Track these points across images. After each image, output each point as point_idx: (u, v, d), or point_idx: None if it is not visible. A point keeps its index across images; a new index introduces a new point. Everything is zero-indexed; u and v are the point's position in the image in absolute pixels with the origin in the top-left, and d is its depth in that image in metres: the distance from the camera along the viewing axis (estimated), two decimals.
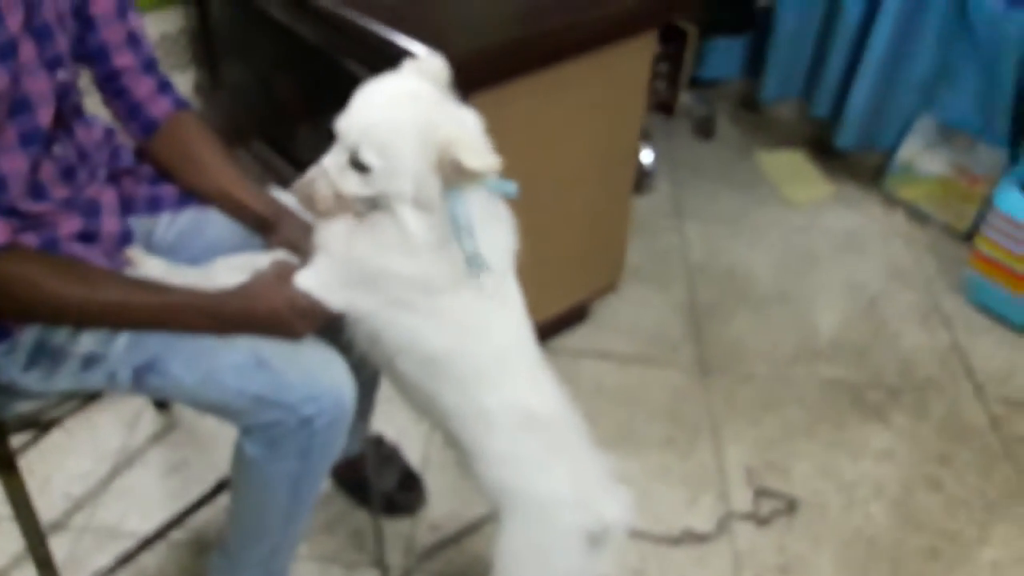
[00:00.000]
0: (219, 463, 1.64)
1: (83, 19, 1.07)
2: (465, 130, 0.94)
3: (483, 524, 1.56)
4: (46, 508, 1.54)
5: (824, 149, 2.66)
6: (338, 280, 1.00)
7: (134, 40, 1.13)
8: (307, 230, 1.10)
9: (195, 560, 1.48)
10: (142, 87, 1.14)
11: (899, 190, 2.47)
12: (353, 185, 0.94)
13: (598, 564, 1.19)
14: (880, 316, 2.11)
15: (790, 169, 2.62)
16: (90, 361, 1.02)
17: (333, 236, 1.00)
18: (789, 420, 1.82)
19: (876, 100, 2.42)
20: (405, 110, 0.92)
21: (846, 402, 1.87)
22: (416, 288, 0.97)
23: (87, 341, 1.01)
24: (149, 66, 1.15)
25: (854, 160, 2.63)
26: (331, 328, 1.06)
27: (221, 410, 1.04)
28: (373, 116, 0.92)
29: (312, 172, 0.95)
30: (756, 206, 2.48)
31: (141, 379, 1.02)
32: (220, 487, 1.46)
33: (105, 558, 1.46)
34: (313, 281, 1.01)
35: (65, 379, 1.04)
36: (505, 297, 1.04)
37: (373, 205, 0.96)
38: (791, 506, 1.64)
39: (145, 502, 1.58)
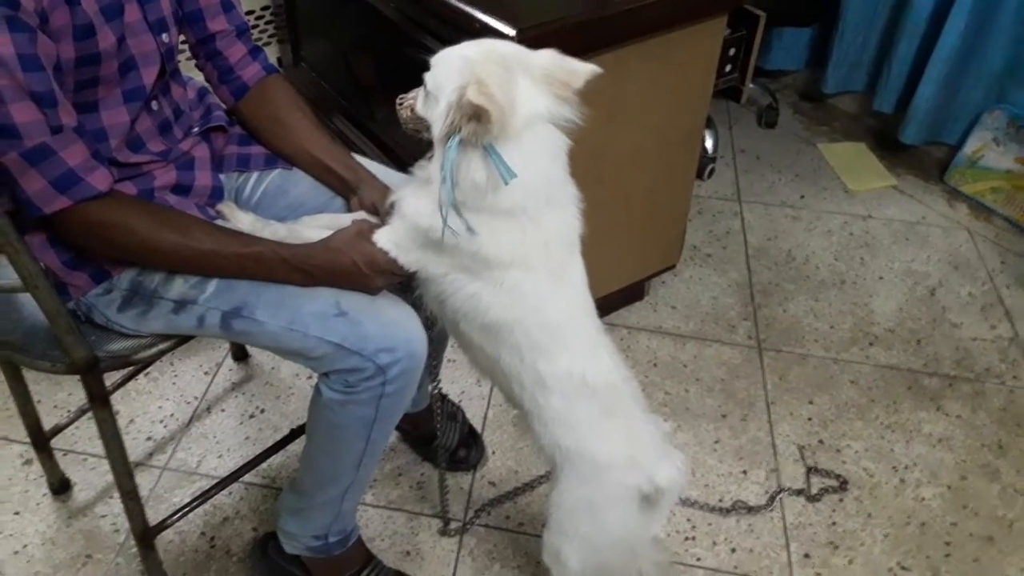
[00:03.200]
0: (292, 413, 1.75)
1: None
2: (504, 82, 0.95)
3: (538, 483, 1.63)
4: (130, 447, 1.66)
5: (887, 142, 2.65)
6: (410, 242, 1.06)
7: (228, 6, 1.20)
8: (385, 192, 1.17)
9: (266, 501, 1.58)
10: (234, 51, 1.22)
11: (964, 184, 2.44)
12: (419, 104, 1.02)
13: (650, 525, 1.24)
14: (939, 306, 2.10)
15: (852, 160, 2.62)
16: (181, 305, 1.10)
17: (408, 199, 1.07)
18: (843, 401, 1.84)
19: (945, 95, 2.40)
20: (467, 49, 0.99)
21: (901, 387, 1.88)
22: (479, 260, 1.03)
23: (179, 285, 1.09)
24: (241, 32, 1.23)
25: (918, 153, 2.61)
26: (404, 286, 1.13)
27: (302, 355, 1.10)
28: (446, 51, 1.00)
29: (411, 92, 1.05)
30: (817, 194, 2.49)
31: (228, 323, 1.09)
32: (293, 434, 1.54)
33: (183, 496, 1.57)
34: (389, 240, 1.07)
35: (157, 321, 1.12)
36: (566, 275, 1.09)
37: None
38: (843, 484, 1.66)
39: (222, 446, 1.68)
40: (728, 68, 2.30)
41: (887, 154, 2.64)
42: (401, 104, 1.05)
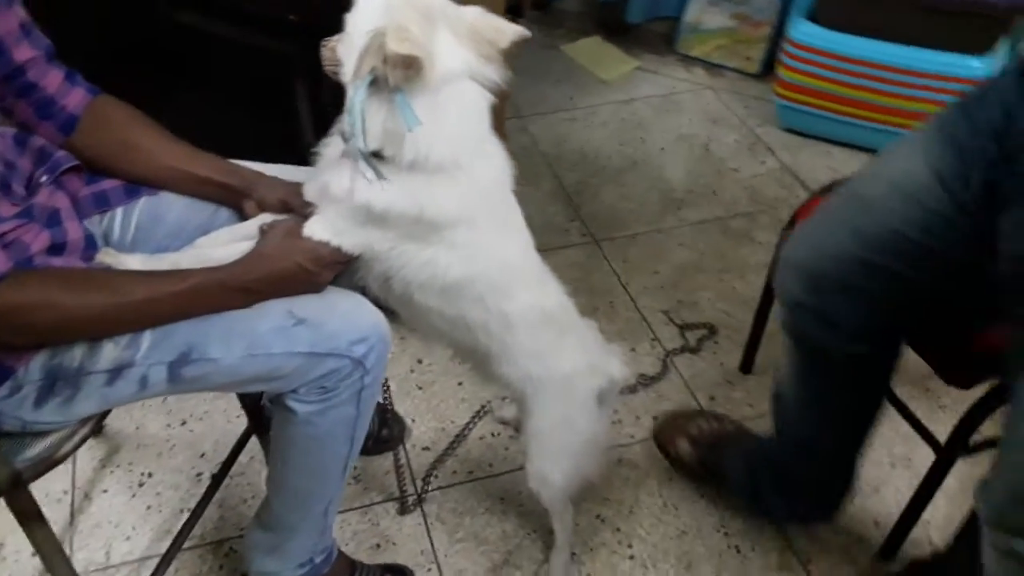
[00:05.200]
0: (184, 464, 1.60)
1: None
2: (424, 30, 0.92)
3: (467, 431, 1.66)
4: (18, 571, 1.43)
5: (617, 29, 2.88)
6: (350, 223, 1.01)
7: (28, 28, 1.02)
8: (289, 187, 1.09)
9: (204, 562, 1.45)
10: (50, 80, 1.04)
11: (692, 49, 2.75)
12: (340, 45, 0.96)
13: (605, 419, 1.34)
14: (716, 158, 2.39)
15: (595, 53, 2.82)
16: (116, 372, 0.96)
17: (333, 182, 1.01)
18: (679, 262, 2.06)
19: None
20: None
21: (717, 234, 2.13)
22: (424, 223, 1.00)
23: (109, 351, 0.95)
24: (51, 55, 1.05)
25: (646, 33, 2.88)
26: (338, 277, 1.07)
27: (266, 379, 1.02)
28: None
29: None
30: (580, 93, 2.66)
31: (177, 374, 0.97)
32: (216, 480, 1.42)
33: None
34: (326, 230, 1.01)
35: (88, 402, 0.97)
36: (509, 217, 1.11)
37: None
38: (712, 330, 1.88)
39: (124, 527, 1.49)
40: None
41: (620, 40, 2.88)
42: (325, 44, 0.98)
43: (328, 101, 1.52)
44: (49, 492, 1.54)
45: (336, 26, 0.98)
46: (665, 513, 1.55)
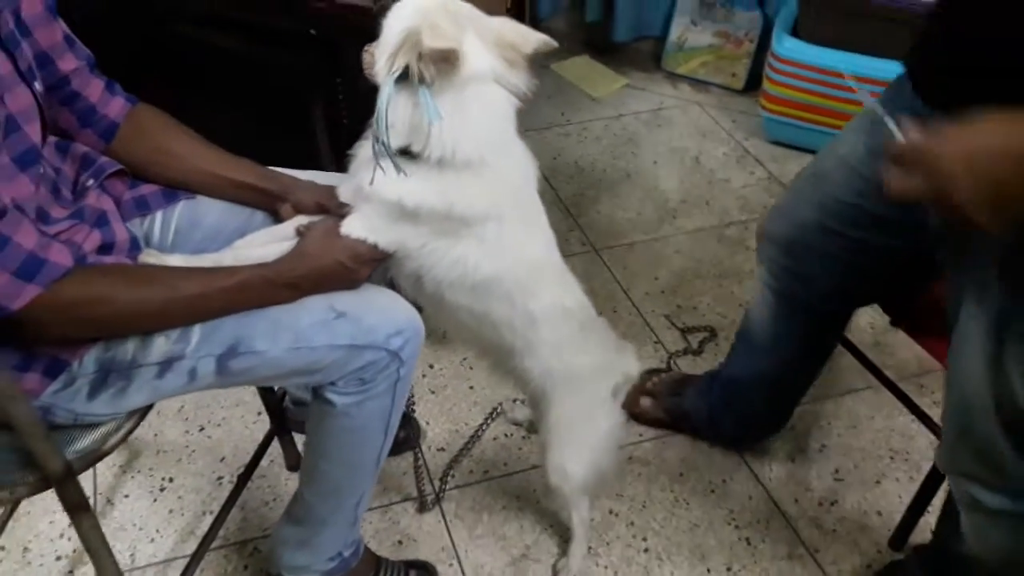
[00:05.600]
0: (205, 468, 1.63)
1: (19, 24, 1.00)
2: (455, 31, 0.98)
3: (480, 432, 1.70)
4: (42, 573, 1.44)
5: (604, 48, 2.97)
6: (385, 221, 1.05)
7: (70, 40, 1.06)
8: (323, 190, 1.14)
9: (229, 561, 1.47)
10: (92, 89, 1.08)
11: (678, 67, 2.85)
12: (375, 49, 1.01)
13: (619, 414, 1.39)
14: (707, 169, 2.47)
15: (584, 72, 2.91)
16: (167, 365, 0.99)
17: (367, 181, 1.06)
18: (677, 269, 2.13)
19: None
20: (422, 1, 0.99)
21: (713, 242, 2.21)
22: (454, 219, 1.05)
23: (160, 345, 0.99)
24: (92, 65, 1.09)
25: (633, 52, 2.97)
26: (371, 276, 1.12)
27: (307, 372, 1.06)
28: (403, 1, 1.00)
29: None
30: (571, 109, 2.74)
31: (225, 366, 1.01)
32: (242, 481, 1.45)
33: None
34: (362, 228, 1.06)
35: (140, 394, 1.01)
36: (534, 215, 1.16)
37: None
38: (712, 332, 1.94)
39: (148, 530, 1.52)
40: None
41: (607, 59, 2.97)
42: (367, 50, 1.03)
43: (348, 116, 1.58)
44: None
45: (356, 38, 1.03)
46: (677, 507, 1.60)
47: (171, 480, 1.60)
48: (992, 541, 1.09)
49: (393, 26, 0.99)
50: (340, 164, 1.18)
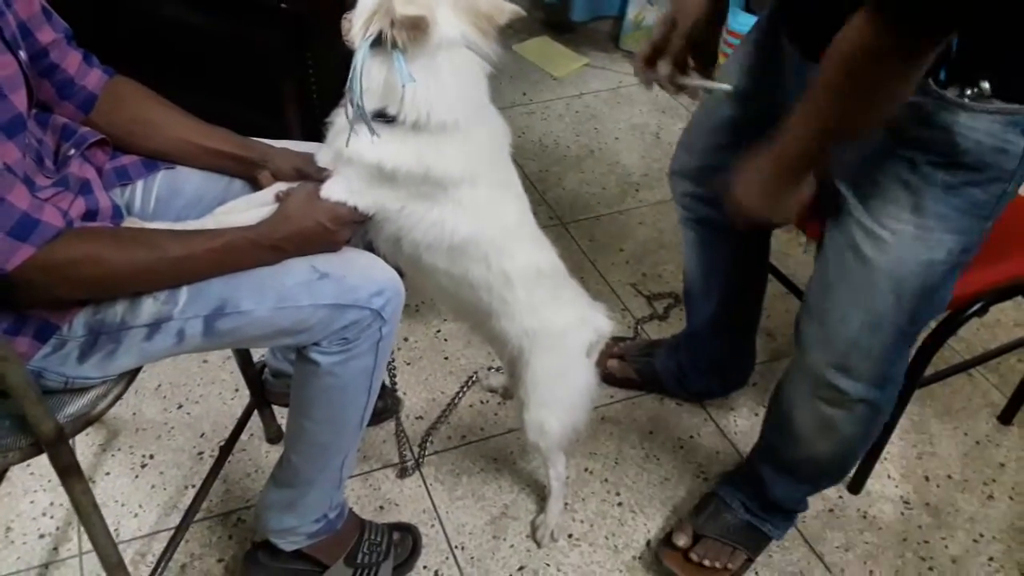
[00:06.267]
0: (186, 444, 1.64)
1: None
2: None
3: (457, 400, 1.74)
4: (26, 552, 1.46)
5: (563, 28, 3.02)
6: (364, 183, 1.09)
7: (48, 13, 1.08)
8: (301, 156, 1.17)
9: (213, 532, 1.50)
10: (70, 61, 1.09)
11: (636, 45, 2.87)
12: (352, 16, 1.04)
13: (592, 371, 1.44)
14: (667, 144, 2.54)
15: (544, 52, 2.95)
16: (155, 327, 1.02)
17: (345, 145, 1.09)
18: (641, 239, 2.19)
19: None
20: None
21: (674, 213, 2.26)
22: (431, 182, 1.09)
23: (149, 306, 1.01)
24: (69, 37, 1.11)
25: (591, 32, 3.02)
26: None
27: (292, 332, 1.09)
28: None
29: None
30: (533, 88, 2.78)
31: (212, 327, 1.03)
32: (224, 452, 1.47)
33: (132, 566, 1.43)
34: (342, 190, 1.09)
35: (128, 356, 1.03)
36: (508, 178, 1.21)
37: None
38: (676, 298, 2.01)
39: (131, 505, 1.53)
40: None
41: (566, 38, 3.01)
42: (345, 18, 1.06)
43: (318, 90, 1.60)
44: (52, 478, 1.56)
45: (325, 13, 1.06)
46: (648, 463, 1.66)
47: (151, 457, 1.62)
48: (846, 431, 1.27)
49: None
50: (311, 139, 1.21)
